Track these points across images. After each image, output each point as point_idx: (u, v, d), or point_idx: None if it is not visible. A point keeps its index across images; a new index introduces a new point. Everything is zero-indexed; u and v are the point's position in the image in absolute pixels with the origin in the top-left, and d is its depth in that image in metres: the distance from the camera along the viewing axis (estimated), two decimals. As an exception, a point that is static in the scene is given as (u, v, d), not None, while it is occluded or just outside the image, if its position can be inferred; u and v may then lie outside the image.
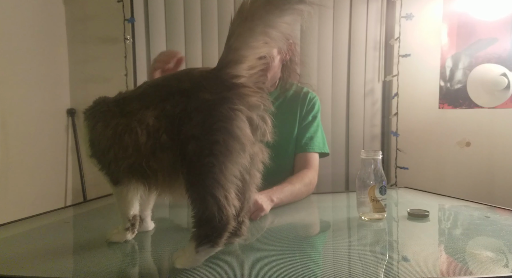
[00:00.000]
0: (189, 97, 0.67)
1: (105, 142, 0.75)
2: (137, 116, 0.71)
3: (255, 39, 0.66)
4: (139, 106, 0.72)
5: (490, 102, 2.16)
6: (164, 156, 0.69)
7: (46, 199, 2.01)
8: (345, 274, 0.68)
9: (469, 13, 2.15)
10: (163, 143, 0.68)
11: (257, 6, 0.64)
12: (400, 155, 2.22)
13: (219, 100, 0.66)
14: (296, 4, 0.64)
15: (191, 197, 0.67)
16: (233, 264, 0.72)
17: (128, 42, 2.11)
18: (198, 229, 0.67)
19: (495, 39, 2.12)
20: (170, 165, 0.69)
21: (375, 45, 2.26)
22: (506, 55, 2.10)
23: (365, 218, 0.98)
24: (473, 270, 0.70)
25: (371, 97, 2.28)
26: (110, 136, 0.74)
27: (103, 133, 0.76)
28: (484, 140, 2.18)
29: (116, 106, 0.77)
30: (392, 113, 2.25)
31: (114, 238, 0.84)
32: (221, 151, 0.64)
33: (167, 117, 0.68)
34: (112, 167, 0.76)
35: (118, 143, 0.72)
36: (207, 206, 0.65)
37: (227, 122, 0.65)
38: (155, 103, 0.70)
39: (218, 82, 0.67)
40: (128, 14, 2.13)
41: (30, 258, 0.76)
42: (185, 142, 0.66)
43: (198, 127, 0.65)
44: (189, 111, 0.66)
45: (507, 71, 2.10)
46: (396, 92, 2.22)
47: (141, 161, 0.70)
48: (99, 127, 0.77)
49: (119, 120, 0.74)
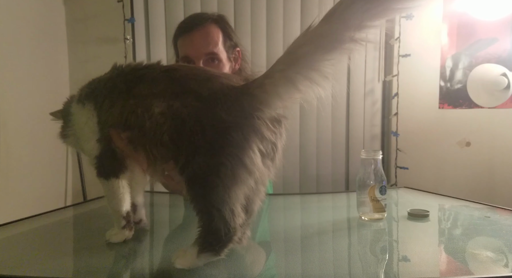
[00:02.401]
0: (203, 107, 0.65)
1: (111, 121, 0.73)
2: (145, 102, 0.69)
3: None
4: (149, 91, 0.70)
5: (490, 102, 2.16)
6: (164, 150, 0.68)
7: (46, 199, 2.01)
8: (345, 274, 0.68)
9: (469, 13, 2.15)
10: (164, 141, 0.67)
11: (306, 52, 0.62)
12: (400, 155, 2.23)
13: (234, 125, 0.64)
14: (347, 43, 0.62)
15: (196, 208, 0.66)
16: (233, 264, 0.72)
17: (128, 42, 2.11)
18: (203, 238, 0.66)
19: (495, 39, 2.12)
20: (168, 158, 0.69)
21: (375, 45, 2.26)
22: (506, 55, 2.10)
23: (365, 218, 0.98)
24: (473, 270, 0.70)
25: (371, 97, 2.28)
26: (116, 115, 0.72)
27: (109, 111, 0.73)
28: (484, 140, 2.18)
29: (124, 83, 0.74)
30: (392, 113, 2.25)
31: (114, 239, 0.83)
32: (227, 175, 0.63)
33: (173, 115, 0.66)
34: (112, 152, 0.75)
35: (124, 124, 0.71)
36: (213, 219, 0.65)
37: (239, 150, 0.64)
38: (166, 96, 0.68)
39: (236, 106, 0.65)
40: (128, 14, 2.13)
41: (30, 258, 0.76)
42: (192, 151, 0.65)
43: (209, 145, 0.64)
44: (203, 124, 0.65)
45: (507, 71, 2.10)
46: (396, 92, 2.23)
47: (144, 144, 0.70)
48: (106, 105, 0.74)
49: (127, 101, 0.71)
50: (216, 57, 1.20)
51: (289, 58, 0.65)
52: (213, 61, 1.19)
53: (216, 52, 1.20)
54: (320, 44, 0.62)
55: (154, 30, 2.18)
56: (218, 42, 1.20)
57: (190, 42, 1.20)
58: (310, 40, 0.63)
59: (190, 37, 1.20)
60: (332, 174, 2.28)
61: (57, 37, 2.18)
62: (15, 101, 1.81)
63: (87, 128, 0.78)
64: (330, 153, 2.28)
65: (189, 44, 1.20)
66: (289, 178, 2.21)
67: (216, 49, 1.19)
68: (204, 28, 1.20)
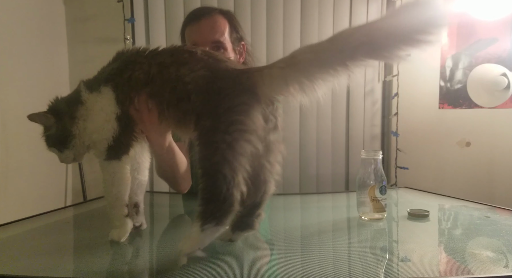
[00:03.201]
0: (214, 78, 0.74)
1: (134, 84, 0.80)
2: (170, 69, 0.77)
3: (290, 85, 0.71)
4: (172, 61, 0.78)
5: (490, 102, 2.16)
6: (177, 110, 0.77)
7: (46, 199, 2.01)
8: (345, 274, 0.68)
9: (469, 13, 2.15)
10: (181, 100, 0.76)
11: (306, 59, 0.70)
12: (400, 155, 2.23)
13: (236, 92, 0.72)
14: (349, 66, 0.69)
15: (202, 170, 0.70)
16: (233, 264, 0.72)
17: (128, 42, 2.11)
18: (204, 206, 0.69)
19: (495, 39, 2.12)
20: (178, 118, 0.77)
21: (375, 45, 2.26)
22: (506, 55, 2.11)
23: (365, 218, 0.98)
24: (473, 270, 0.70)
25: (371, 97, 2.28)
26: (141, 76, 0.79)
27: (132, 77, 0.80)
28: (484, 140, 2.18)
29: (144, 57, 0.81)
30: (392, 113, 2.25)
31: (121, 234, 0.81)
32: (237, 129, 0.70)
33: (193, 80, 0.75)
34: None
35: (148, 80, 0.78)
36: (215, 182, 0.68)
37: (240, 114, 0.71)
38: (188, 65, 0.76)
39: (237, 80, 0.74)
40: (128, 14, 2.13)
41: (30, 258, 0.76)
42: (202, 113, 0.73)
43: (215, 108, 0.71)
44: (213, 91, 0.73)
45: (507, 71, 2.10)
46: (396, 92, 2.23)
47: (162, 101, 0.78)
48: (126, 75, 0.80)
49: (150, 67, 0.79)
50: (222, 46, 1.23)
51: (290, 59, 0.72)
52: (218, 49, 1.22)
53: (222, 41, 1.23)
54: (318, 56, 0.69)
55: (154, 30, 2.18)
56: (225, 32, 1.24)
57: (198, 29, 1.23)
58: (312, 50, 0.70)
59: (197, 25, 1.24)
60: (332, 174, 2.28)
61: (57, 37, 2.18)
62: (15, 101, 1.81)
63: (103, 113, 0.80)
64: (330, 153, 2.28)
65: (197, 32, 1.24)
66: (289, 178, 2.21)
67: (222, 38, 1.23)
68: (212, 17, 1.24)
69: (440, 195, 1.39)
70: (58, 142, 0.85)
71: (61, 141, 0.85)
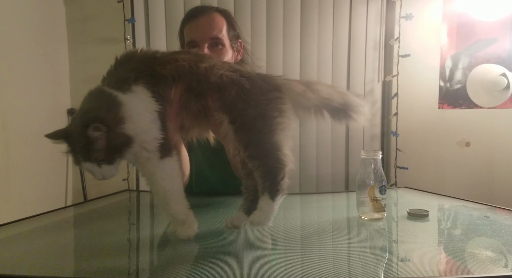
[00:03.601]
0: (249, 79, 0.83)
1: (178, 72, 0.83)
2: (199, 66, 0.83)
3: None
4: (197, 59, 0.85)
5: (489, 102, 2.16)
6: (195, 107, 0.84)
7: (46, 199, 2.01)
8: (345, 274, 0.68)
9: (469, 13, 2.15)
10: (203, 99, 0.83)
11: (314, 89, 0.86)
12: (400, 155, 2.23)
13: (271, 87, 0.84)
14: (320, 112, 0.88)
15: (259, 152, 0.80)
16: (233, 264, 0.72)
17: (128, 42, 2.11)
18: (271, 181, 0.80)
19: (494, 39, 2.12)
20: (196, 114, 0.85)
21: (375, 45, 2.26)
22: (505, 55, 2.11)
23: (365, 218, 0.99)
24: (472, 270, 0.70)
25: (371, 97, 2.28)
26: (185, 68, 0.83)
27: (171, 67, 0.83)
28: (483, 140, 2.19)
29: (168, 55, 0.85)
30: (392, 113, 2.26)
31: (187, 232, 0.80)
32: (281, 115, 0.82)
33: (233, 78, 0.83)
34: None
35: (190, 73, 0.83)
36: (278, 160, 0.80)
37: (282, 99, 0.83)
38: (217, 66, 0.84)
39: (264, 80, 0.86)
40: (129, 14, 2.13)
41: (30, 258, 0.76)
42: (239, 108, 0.81)
43: (255, 100, 0.81)
44: (250, 88, 0.83)
45: (507, 71, 2.11)
46: (396, 92, 2.23)
47: (201, 92, 0.83)
48: (156, 74, 0.82)
49: (203, 64, 0.84)
50: (220, 42, 1.25)
51: (305, 83, 0.87)
52: (216, 46, 1.25)
53: (220, 37, 1.25)
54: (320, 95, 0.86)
55: (154, 30, 2.18)
56: (223, 28, 1.27)
57: (196, 26, 1.26)
58: (321, 84, 0.89)
59: (196, 22, 1.26)
60: (332, 174, 2.28)
61: (58, 37, 2.19)
62: (16, 101, 1.81)
63: (147, 113, 0.78)
64: (330, 153, 2.28)
65: (195, 29, 1.26)
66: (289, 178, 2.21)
67: (220, 34, 1.25)
68: (210, 15, 1.27)
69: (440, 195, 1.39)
70: (112, 152, 0.74)
71: (118, 149, 0.74)
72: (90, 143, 0.72)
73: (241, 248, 0.82)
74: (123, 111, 0.74)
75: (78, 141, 0.73)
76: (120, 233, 0.97)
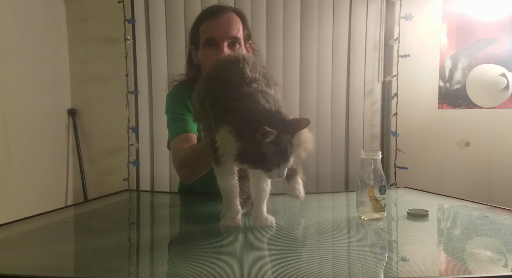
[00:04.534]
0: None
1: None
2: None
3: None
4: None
5: (489, 102, 2.16)
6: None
7: (47, 199, 2.01)
8: (345, 274, 0.68)
9: (469, 14, 2.15)
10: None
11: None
12: (400, 155, 2.23)
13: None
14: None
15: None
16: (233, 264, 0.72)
17: (128, 42, 2.11)
18: (298, 168, 1.05)
19: (494, 40, 2.13)
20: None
21: (375, 46, 2.26)
22: (505, 56, 2.11)
23: (364, 218, 0.99)
24: (472, 270, 0.70)
25: (370, 97, 2.29)
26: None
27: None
28: (483, 140, 2.19)
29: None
30: (391, 113, 2.26)
31: (236, 221, 0.89)
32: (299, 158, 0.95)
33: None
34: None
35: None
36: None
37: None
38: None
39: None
40: (129, 14, 2.13)
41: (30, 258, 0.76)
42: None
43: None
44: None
45: (506, 71, 2.11)
46: (395, 92, 2.23)
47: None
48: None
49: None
50: (238, 42, 1.27)
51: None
52: (234, 45, 1.26)
53: (239, 37, 1.27)
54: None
55: (155, 30, 2.18)
56: (240, 28, 1.28)
57: (216, 24, 1.26)
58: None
59: (216, 20, 1.26)
60: (332, 174, 2.28)
61: (58, 37, 2.19)
62: (16, 101, 1.81)
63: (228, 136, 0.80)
64: (329, 153, 2.28)
65: (215, 26, 1.26)
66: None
67: (238, 34, 1.27)
68: (229, 14, 1.28)
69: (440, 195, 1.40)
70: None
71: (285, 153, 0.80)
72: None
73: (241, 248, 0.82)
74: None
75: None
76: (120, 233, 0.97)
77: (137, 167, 2.17)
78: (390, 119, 2.28)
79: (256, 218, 0.91)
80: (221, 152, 0.83)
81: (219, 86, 0.87)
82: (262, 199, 0.91)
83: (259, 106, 0.79)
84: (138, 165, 2.16)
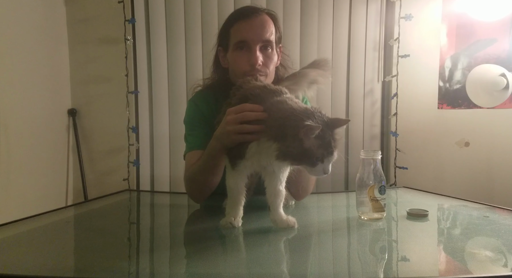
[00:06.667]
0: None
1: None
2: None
3: None
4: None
5: (489, 103, 2.16)
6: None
7: (47, 199, 2.01)
8: (345, 274, 0.68)
9: (468, 14, 2.15)
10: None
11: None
12: (400, 155, 2.23)
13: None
14: None
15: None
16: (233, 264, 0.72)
17: (128, 42, 2.11)
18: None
19: (494, 40, 2.13)
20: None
21: (375, 46, 2.26)
22: (505, 56, 2.11)
23: (364, 218, 0.99)
24: (472, 270, 0.70)
25: (370, 97, 2.29)
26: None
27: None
28: (483, 140, 2.19)
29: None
30: (391, 113, 2.26)
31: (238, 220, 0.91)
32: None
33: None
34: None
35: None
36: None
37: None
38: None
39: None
40: (129, 14, 2.13)
41: (31, 258, 0.77)
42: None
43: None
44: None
45: (506, 71, 2.11)
46: (395, 93, 2.23)
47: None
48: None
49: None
50: (270, 45, 1.23)
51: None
52: (266, 49, 1.22)
53: (271, 40, 1.23)
54: None
55: (155, 30, 2.18)
56: (273, 31, 1.24)
57: (250, 26, 1.22)
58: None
59: (250, 22, 1.22)
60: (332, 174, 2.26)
61: (58, 37, 2.19)
62: (16, 101, 1.82)
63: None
64: (329, 153, 2.28)
65: (249, 29, 1.22)
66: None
67: (271, 37, 1.23)
68: (262, 16, 1.24)
69: (439, 195, 1.40)
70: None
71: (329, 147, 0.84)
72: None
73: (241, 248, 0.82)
74: None
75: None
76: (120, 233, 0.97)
77: (137, 167, 2.17)
78: (390, 119, 2.28)
79: (276, 220, 0.92)
80: (249, 155, 0.88)
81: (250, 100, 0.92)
82: (279, 202, 0.94)
83: (296, 105, 0.85)
84: (138, 165, 2.16)
